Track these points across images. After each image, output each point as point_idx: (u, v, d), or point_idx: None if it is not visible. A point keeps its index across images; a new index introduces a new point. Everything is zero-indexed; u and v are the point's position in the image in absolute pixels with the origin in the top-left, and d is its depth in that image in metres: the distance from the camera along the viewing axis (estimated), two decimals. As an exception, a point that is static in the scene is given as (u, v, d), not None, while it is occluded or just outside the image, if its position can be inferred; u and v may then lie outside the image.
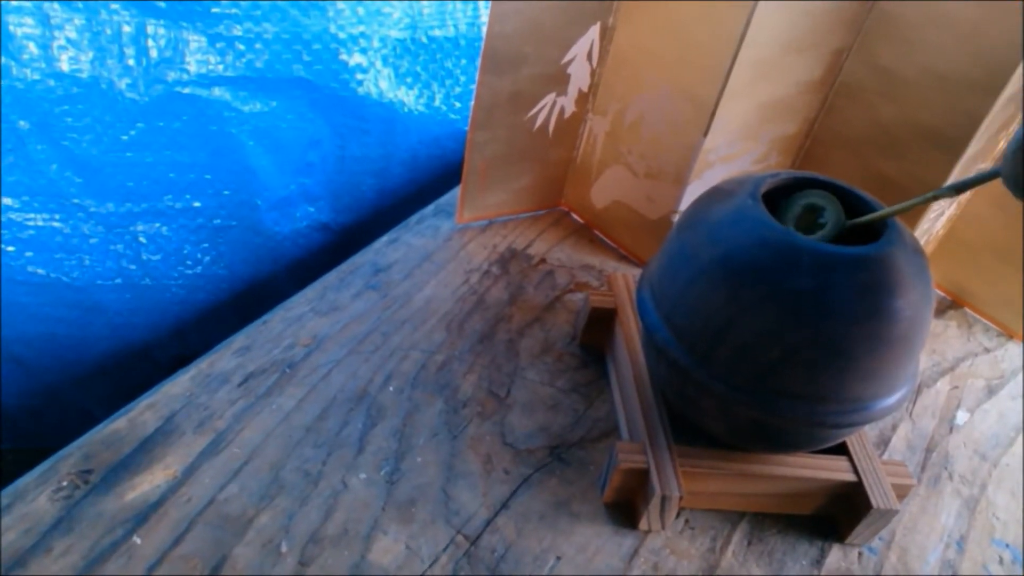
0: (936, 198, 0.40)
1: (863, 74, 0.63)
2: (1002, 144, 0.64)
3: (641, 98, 0.63)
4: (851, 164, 0.66)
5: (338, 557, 0.43)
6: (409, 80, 0.78)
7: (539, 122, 0.66)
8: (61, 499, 0.43)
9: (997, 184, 0.67)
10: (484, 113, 0.61)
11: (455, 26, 0.78)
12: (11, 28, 0.56)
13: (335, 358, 0.55)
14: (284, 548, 0.43)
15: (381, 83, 0.75)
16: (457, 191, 0.69)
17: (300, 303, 0.60)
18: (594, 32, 0.62)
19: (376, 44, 0.72)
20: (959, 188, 0.39)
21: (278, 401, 0.51)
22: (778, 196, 0.46)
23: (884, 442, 0.58)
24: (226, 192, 0.72)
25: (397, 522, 0.46)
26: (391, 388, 0.54)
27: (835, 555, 0.49)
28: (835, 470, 0.49)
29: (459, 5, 0.77)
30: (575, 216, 0.75)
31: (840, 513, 0.50)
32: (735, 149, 0.63)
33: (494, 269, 0.66)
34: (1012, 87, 0.56)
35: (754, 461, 0.48)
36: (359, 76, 0.73)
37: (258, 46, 0.66)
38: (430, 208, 0.73)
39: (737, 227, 0.42)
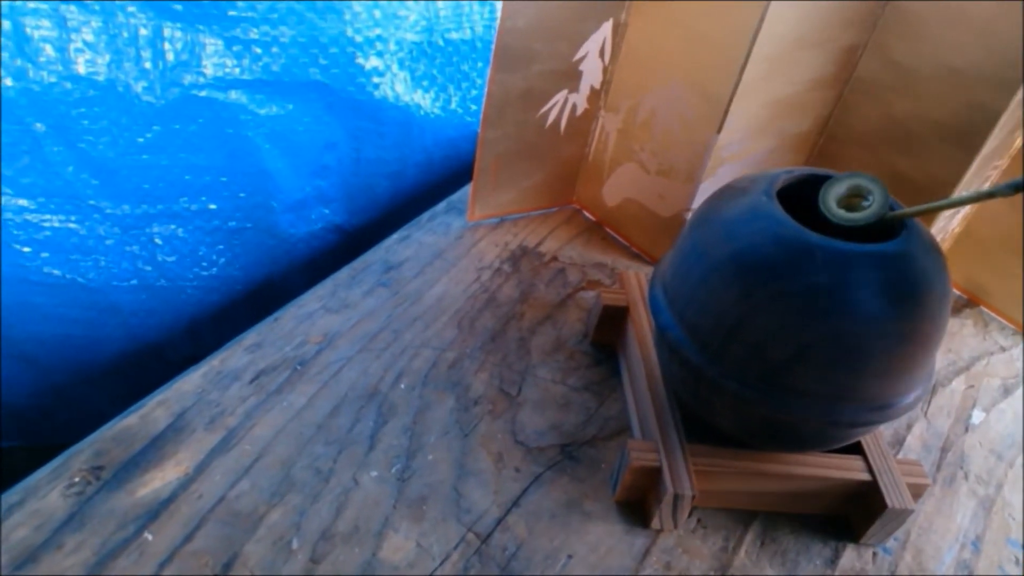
0: (992, 196, 0.37)
1: (877, 70, 0.62)
2: (1019, 141, 0.64)
3: (653, 95, 0.63)
4: (865, 161, 0.65)
5: (349, 554, 0.43)
6: (425, 83, 0.78)
7: (551, 119, 0.65)
8: (73, 495, 0.44)
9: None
10: (496, 110, 0.61)
11: (471, 28, 0.78)
12: (28, 30, 0.56)
13: (346, 355, 0.55)
14: (295, 545, 0.43)
15: (397, 86, 0.75)
16: (468, 188, 0.68)
17: (311, 300, 0.60)
18: (606, 29, 0.62)
19: (392, 47, 0.72)
20: (1018, 187, 0.36)
21: (289, 398, 0.51)
22: (792, 193, 0.45)
23: (899, 441, 0.57)
24: (242, 194, 0.72)
25: (408, 520, 0.45)
26: (402, 385, 0.54)
27: (849, 555, 0.49)
28: (850, 469, 0.48)
29: (475, 7, 0.77)
30: (587, 214, 0.75)
31: (854, 513, 0.49)
32: (748, 146, 0.62)
33: (505, 267, 0.66)
34: (1029, 83, 0.55)
35: (767, 460, 0.48)
36: (375, 79, 0.73)
37: (275, 49, 0.66)
38: (441, 205, 0.73)
39: (752, 224, 0.42)
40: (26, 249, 0.64)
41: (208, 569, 0.41)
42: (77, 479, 0.44)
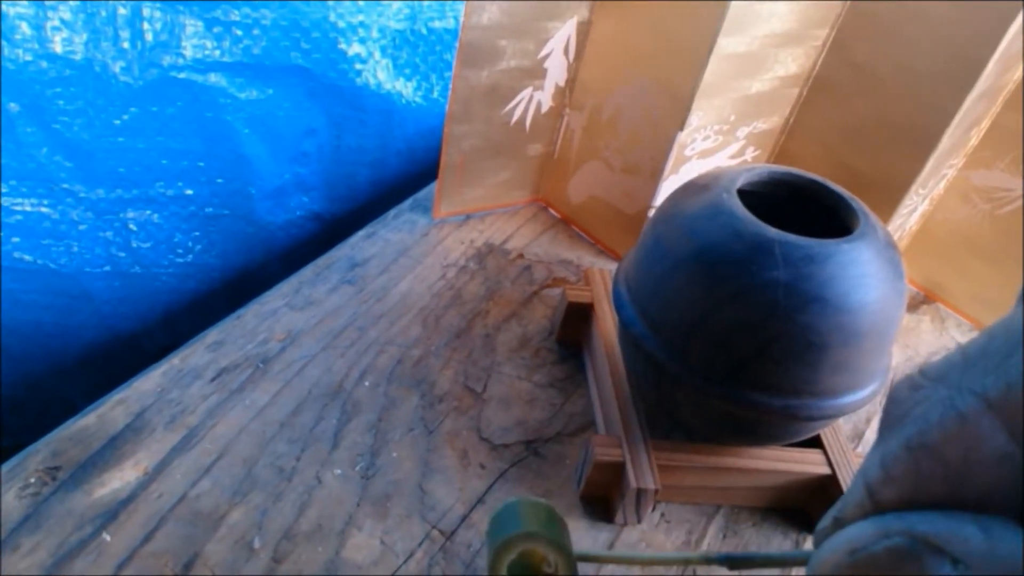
0: (708, 562, 0.33)
1: (837, 70, 0.63)
2: (973, 141, 0.65)
3: (618, 93, 0.63)
4: (825, 159, 0.66)
5: (312, 553, 0.43)
6: (407, 71, 0.77)
7: (516, 116, 0.65)
8: (29, 496, 0.43)
9: (967, 180, 0.68)
10: (461, 106, 0.61)
11: (455, 18, 0.77)
12: (3, 7, 0.54)
13: (310, 353, 0.55)
14: (257, 544, 0.43)
15: (379, 74, 0.74)
16: (434, 186, 0.68)
17: (275, 297, 0.59)
18: (571, 26, 0.62)
19: (375, 34, 0.72)
20: (736, 563, 0.32)
21: (251, 396, 0.51)
22: (754, 191, 0.46)
23: (858, 436, 0.58)
24: (219, 180, 0.71)
25: (372, 518, 0.45)
26: (367, 383, 0.53)
27: (809, 547, 0.49)
28: (809, 463, 0.49)
29: (459, -4, 0.77)
30: (552, 211, 0.75)
31: (814, 506, 0.50)
32: (711, 144, 0.63)
33: (471, 264, 0.66)
34: (984, 83, 0.56)
35: (729, 455, 0.48)
36: (357, 66, 0.72)
37: (256, 32, 0.65)
38: (407, 203, 0.72)
39: (712, 221, 0.42)
40: (-5, 234, 0.63)
41: (168, 569, 0.41)
42: (33, 480, 0.44)
